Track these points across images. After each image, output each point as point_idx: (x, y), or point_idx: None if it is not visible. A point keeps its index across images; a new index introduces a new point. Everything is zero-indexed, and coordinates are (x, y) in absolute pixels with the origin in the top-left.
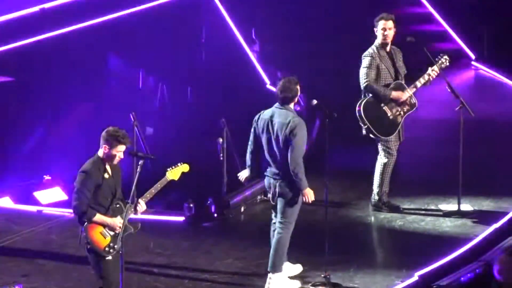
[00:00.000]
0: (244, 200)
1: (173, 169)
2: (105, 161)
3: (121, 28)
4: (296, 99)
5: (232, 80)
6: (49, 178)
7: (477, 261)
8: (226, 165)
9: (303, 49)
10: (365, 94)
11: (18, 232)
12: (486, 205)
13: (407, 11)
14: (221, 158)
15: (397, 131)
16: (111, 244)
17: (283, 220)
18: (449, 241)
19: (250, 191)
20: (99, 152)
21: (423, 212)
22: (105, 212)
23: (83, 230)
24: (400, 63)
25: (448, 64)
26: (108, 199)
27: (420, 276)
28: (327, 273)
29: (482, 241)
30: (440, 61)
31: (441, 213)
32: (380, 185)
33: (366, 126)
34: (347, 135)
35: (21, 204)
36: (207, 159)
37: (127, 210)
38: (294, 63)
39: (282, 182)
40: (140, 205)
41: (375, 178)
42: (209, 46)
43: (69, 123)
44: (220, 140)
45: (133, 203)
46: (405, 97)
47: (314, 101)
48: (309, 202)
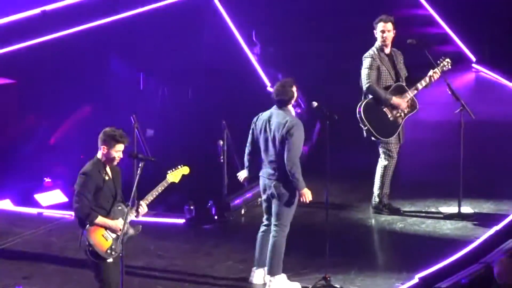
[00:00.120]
0: (244, 203)
1: (174, 172)
2: (105, 163)
3: (122, 30)
4: (293, 101)
5: (232, 82)
6: (49, 180)
7: (478, 263)
8: (227, 168)
9: (304, 51)
10: (365, 96)
11: (18, 234)
12: (487, 207)
13: (408, 13)
14: (222, 160)
15: (398, 133)
16: (112, 246)
17: (278, 222)
18: (450, 244)
19: (250, 193)
20: (98, 154)
21: (423, 214)
22: (106, 214)
23: (84, 232)
24: (401, 65)
25: (450, 67)
26: (109, 201)
27: (420, 279)
28: (328, 276)
29: (483, 244)
30: (442, 64)
31: (441, 215)
32: (381, 188)
33: (366, 128)
34: (347, 137)
35: (22, 206)
36: (207, 161)
37: (127, 212)
38: (295, 65)
39: (278, 183)
40: (142, 207)
41: (375, 181)
42: (210, 48)
43: (70, 125)
44: (221, 142)
45: (134, 206)
46: (405, 105)
47: (314, 103)
48: (306, 202)
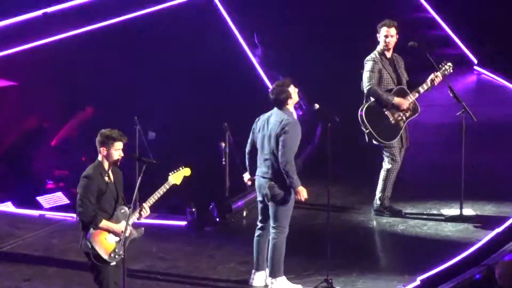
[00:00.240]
0: (246, 205)
1: (175, 173)
2: (109, 164)
3: (123, 32)
4: (290, 100)
5: (234, 84)
6: (51, 182)
7: (479, 266)
8: (229, 170)
9: (305, 53)
10: (367, 99)
11: (20, 236)
12: (488, 209)
13: (410, 16)
14: (224, 162)
15: (400, 136)
16: (116, 250)
17: (276, 224)
18: (451, 246)
19: (252, 195)
20: (99, 157)
21: (425, 216)
22: (109, 217)
23: (88, 236)
24: (402, 70)
25: (451, 71)
26: (111, 204)
27: (422, 281)
28: (329, 278)
29: (484, 246)
30: (444, 68)
31: (443, 217)
32: (383, 190)
33: (368, 131)
34: (349, 139)
35: (24, 208)
36: (209, 163)
37: (129, 215)
38: (296, 67)
39: (272, 182)
40: (145, 210)
41: (378, 183)
42: (212, 50)
43: (71, 128)
44: (223, 144)
45: (136, 208)
46: (407, 105)
47: (316, 105)
48: (302, 200)
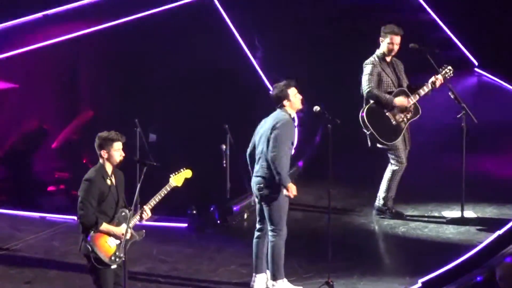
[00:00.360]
0: (247, 207)
1: (176, 175)
2: (111, 167)
3: (123, 34)
4: (286, 101)
5: (235, 86)
6: (52, 184)
7: (480, 268)
8: (229, 172)
9: (306, 54)
10: (367, 102)
11: (21, 238)
12: (489, 211)
13: (411, 18)
14: (224, 164)
15: (403, 138)
16: (116, 253)
17: (272, 227)
18: (452, 248)
19: (253, 197)
20: (100, 160)
21: (426, 219)
22: (109, 220)
23: (89, 238)
24: (402, 74)
25: (452, 74)
26: (112, 207)
27: (423, 283)
28: (330, 280)
29: (485, 248)
30: (444, 72)
31: (444, 220)
32: (387, 190)
33: (369, 132)
34: (350, 141)
35: (24, 210)
36: (210, 166)
37: (130, 218)
38: (298, 68)
39: (263, 181)
40: (146, 212)
41: (382, 183)
42: (212, 52)
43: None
44: (223, 146)
45: (136, 210)
46: (408, 104)
47: (316, 107)
48: (291, 197)
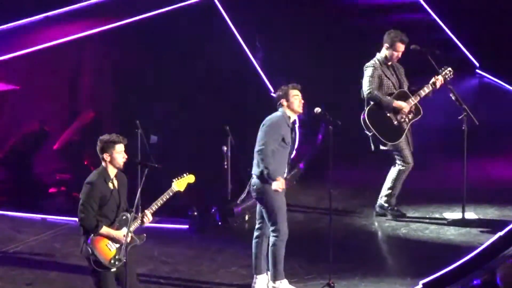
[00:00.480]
0: (248, 209)
1: (179, 180)
2: (114, 170)
3: (125, 35)
4: (284, 101)
5: (236, 87)
6: (53, 186)
7: (481, 270)
8: (231, 173)
9: (307, 56)
10: (368, 103)
11: (22, 240)
12: (491, 213)
13: (412, 19)
14: (226, 166)
15: (406, 138)
16: (116, 256)
17: (272, 228)
18: (453, 249)
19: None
20: (103, 164)
21: (427, 220)
22: (110, 224)
23: (89, 241)
24: (403, 77)
25: (452, 76)
26: (113, 210)
27: (424, 284)
28: (332, 281)
29: (486, 249)
30: (444, 73)
31: (445, 221)
32: (391, 188)
33: (371, 133)
34: (351, 143)
35: (26, 212)
36: (211, 167)
37: (130, 220)
38: (299, 70)
39: (256, 178)
40: (147, 216)
41: (386, 182)
42: (213, 53)
43: (74, 131)
44: (225, 148)
45: (137, 212)
46: (407, 108)
47: (317, 109)
48: (279, 190)
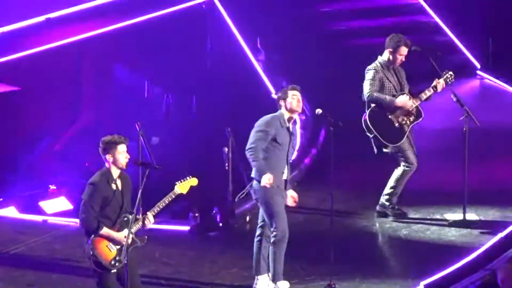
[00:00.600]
0: (249, 210)
1: (182, 183)
2: (117, 171)
3: (126, 37)
4: (282, 102)
5: (237, 89)
6: (54, 187)
7: (482, 270)
8: (232, 175)
9: (308, 58)
10: (369, 105)
11: (23, 241)
12: (492, 214)
13: (413, 21)
14: (227, 167)
15: (408, 140)
16: (116, 257)
17: (272, 228)
18: (454, 251)
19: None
20: (106, 165)
21: (428, 221)
22: (112, 225)
23: (89, 242)
24: (404, 80)
25: (453, 80)
26: (115, 212)
27: (425, 286)
28: (333, 283)
29: (487, 251)
30: (445, 77)
31: (446, 222)
32: (393, 188)
33: (373, 135)
34: (352, 145)
35: (27, 213)
36: (212, 168)
37: (131, 222)
38: (299, 72)
39: (252, 181)
40: (149, 219)
41: (389, 182)
42: (214, 55)
43: (75, 133)
44: (226, 149)
45: (139, 213)
46: (409, 105)
47: (319, 110)
48: (267, 186)
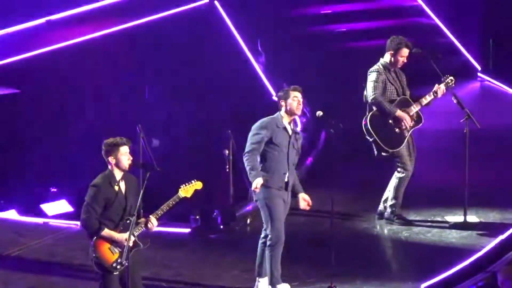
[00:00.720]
0: (250, 212)
1: (186, 186)
2: (120, 173)
3: (127, 39)
4: (281, 102)
5: (238, 91)
6: (55, 190)
7: (483, 273)
8: (232, 177)
9: (309, 60)
10: (370, 109)
11: (24, 244)
12: (492, 216)
13: (414, 23)
14: (227, 169)
15: (407, 145)
16: (118, 260)
17: (268, 231)
18: (455, 253)
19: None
20: (109, 167)
21: (429, 223)
22: (114, 227)
23: (92, 244)
24: (404, 84)
25: (453, 85)
26: (118, 214)
27: None
28: (333, 285)
29: (488, 253)
30: (446, 82)
31: (447, 224)
32: (395, 198)
33: (372, 139)
34: (353, 147)
35: (28, 216)
36: (213, 171)
37: (132, 224)
38: (300, 74)
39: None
40: (151, 222)
41: (389, 191)
42: (215, 57)
43: (75, 135)
44: (226, 151)
45: (139, 216)
46: (409, 119)
47: (319, 113)
48: (256, 191)
